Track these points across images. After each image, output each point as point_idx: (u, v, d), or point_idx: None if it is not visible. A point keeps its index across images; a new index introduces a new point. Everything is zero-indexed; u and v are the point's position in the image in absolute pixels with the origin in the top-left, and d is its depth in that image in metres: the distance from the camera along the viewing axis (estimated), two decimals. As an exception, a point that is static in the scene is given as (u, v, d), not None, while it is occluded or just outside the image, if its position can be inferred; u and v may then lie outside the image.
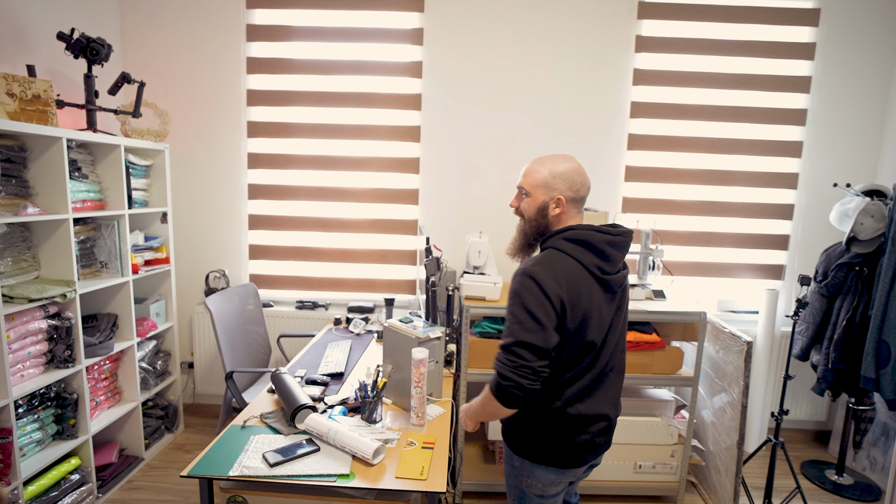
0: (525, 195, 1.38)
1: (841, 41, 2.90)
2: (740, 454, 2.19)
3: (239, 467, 1.43)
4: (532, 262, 1.27)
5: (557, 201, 1.33)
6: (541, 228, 1.37)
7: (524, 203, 1.38)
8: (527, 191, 1.37)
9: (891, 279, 2.29)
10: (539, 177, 1.34)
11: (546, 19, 2.93)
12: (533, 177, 1.35)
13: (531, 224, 1.37)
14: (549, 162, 1.35)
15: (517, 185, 1.41)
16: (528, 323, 1.21)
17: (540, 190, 1.34)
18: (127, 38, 3.01)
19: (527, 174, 1.37)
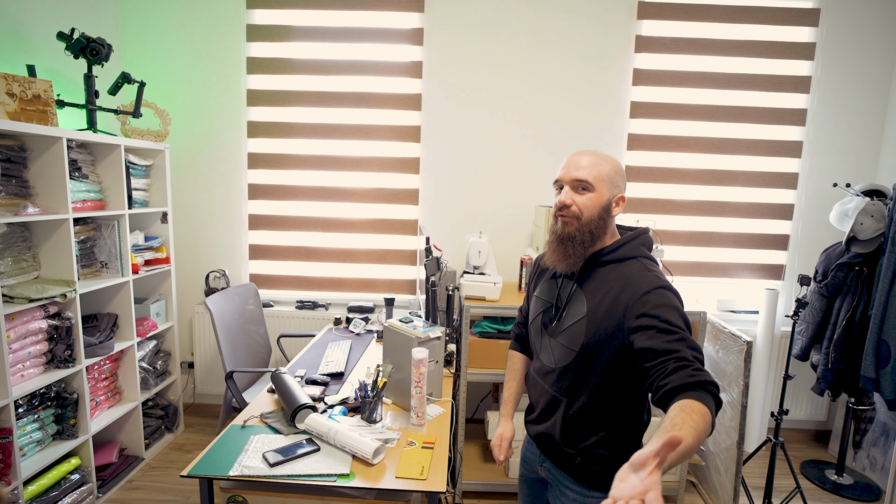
0: (586, 190, 1.17)
1: (841, 41, 2.90)
2: (740, 454, 2.19)
3: (239, 467, 1.43)
4: (659, 274, 1.14)
5: (620, 200, 1.20)
6: (601, 230, 1.19)
7: (585, 199, 1.17)
8: (590, 184, 1.16)
9: (891, 279, 2.29)
10: (604, 170, 1.17)
11: (546, 19, 2.93)
12: (598, 169, 1.17)
13: (590, 225, 1.17)
14: (605, 157, 1.20)
15: (572, 179, 1.17)
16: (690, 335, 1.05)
17: (605, 185, 1.17)
18: (127, 38, 3.01)
19: (588, 166, 1.17)
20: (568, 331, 1.21)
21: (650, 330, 1.04)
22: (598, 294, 1.17)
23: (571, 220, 1.18)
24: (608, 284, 1.17)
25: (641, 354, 1.04)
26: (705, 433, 0.90)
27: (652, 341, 1.02)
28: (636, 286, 1.11)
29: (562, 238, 1.20)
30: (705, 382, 0.95)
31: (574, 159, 1.20)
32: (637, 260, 1.19)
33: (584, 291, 1.20)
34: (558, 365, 1.23)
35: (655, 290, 1.09)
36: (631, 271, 1.15)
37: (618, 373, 1.16)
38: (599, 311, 1.15)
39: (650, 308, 1.05)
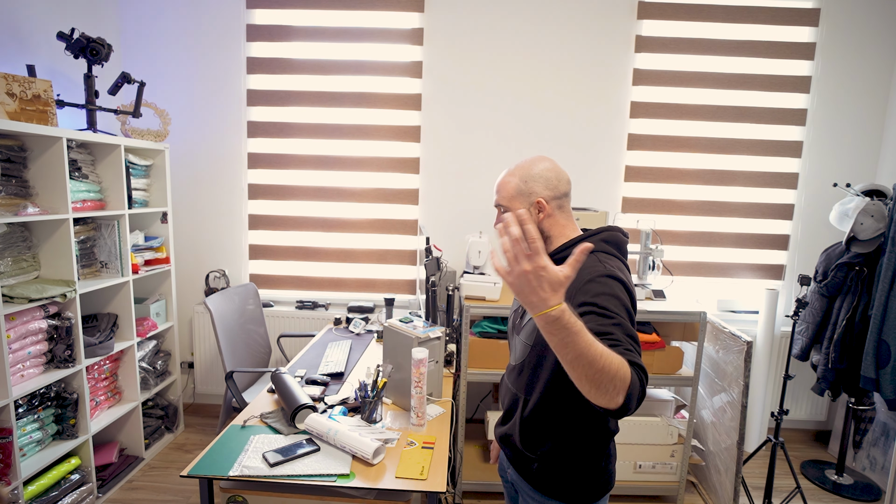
0: (504, 212, 1.25)
1: (841, 41, 2.90)
2: (740, 454, 2.19)
3: (239, 467, 1.43)
4: (609, 265, 1.13)
5: (539, 206, 1.22)
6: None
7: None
8: (504, 206, 1.25)
9: (891, 279, 2.29)
10: (512, 186, 1.23)
11: (546, 19, 2.93)
12: (506, 189, 1.24)
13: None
14: (518, 169, 1.25)
15: (496, 205, 1.27)
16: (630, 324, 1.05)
17: (516, 200, 1.23)
18: (127, 38, 3.01)
19: (499, 188, 1.26)
20: (527, 325, 1.24)
21: (587, 315, 1.03)
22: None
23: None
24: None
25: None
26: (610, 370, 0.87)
27: (588, 325, 0.95)
28: (580, 276, 1.11)
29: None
30: (633, 363, 0.92)
31: (496, 183, 1.27)
32: (594, 254, 1.18)
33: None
34: (517, 361, 1.27)
35: (598, 278, 1.09)
36: (584, 265, 1.14)
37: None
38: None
39: (590, 296, 1.06)
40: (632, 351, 0.98)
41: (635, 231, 3.08)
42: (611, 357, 0.89)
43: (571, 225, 1.25)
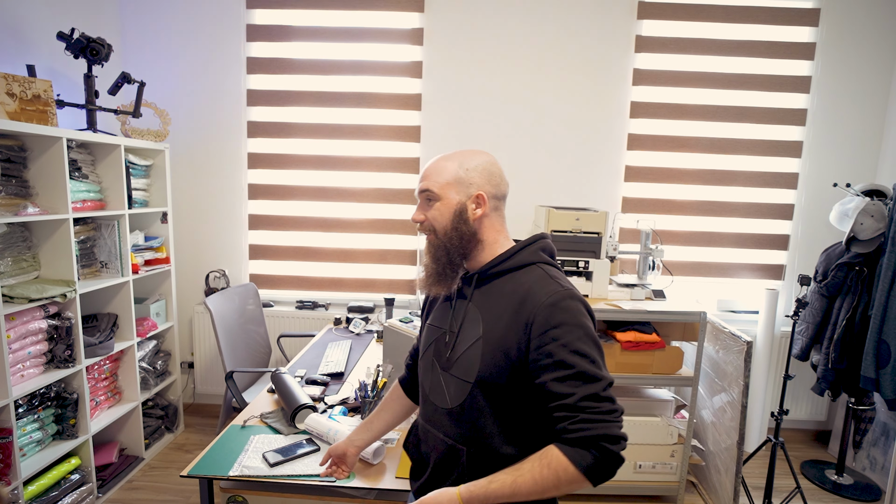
0: (431, 200, 1.04)
1: (841, 41, 2.90)
2: (740, 454, 2.19)
3: (239, 467, 1.43)
4: (562, 281, 1.01)
5: (477, 199, 1.04)
6: (465, 240, 1.04)
7: (432, 211, 1.04)
8: (434, 193, 1.04)
9: (891, 279, 2.29)
10: (449, 172, 1.03)
11: (546, 19, 2.93)
12: (442, 174, 1.04)
13: (449, 236, 1.03)
14: (456, 155, 1.06)
15: (419, 192, 1.06)
16: (600, 358, 0.94)
17: (452, 189, 1.03)
18: (127, 38, 3.00)
19: (430, 173, 1.05)
20: (462, 359, 1.02)
21: (550, 360, 0.91)
22: (495, 310, 1.01)
23: (430, 237, 1.06)
24: (505, 297, 1.01)
25: (541, 391, 0.93)
26: (549, 487, 0.88)
27: (552, 381, 0.91)
28: (537, 297, 0.96)
29: (427, 259, 1.07)
30: (593, 439, 0.87)
31: (424, 169, 1.07)
32: (537, 266, 1.03)
33: (479, 309, 1.03)
34: (454, 404, 1.03)
35: (559, 302, 0.94)
36: (530, 280, 1.00)
37: (524, 406, 0.99)
38: (497, 331, 0.99)
39: (553, 329, 0.92)
40: (596, 422, 0.87)
41: (635, 231, 3.08)
42: (541, 479, 0.88)
43: (505, 232, 1.09)
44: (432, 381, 1.09)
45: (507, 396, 0.98)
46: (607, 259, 2.49)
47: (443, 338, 1.08)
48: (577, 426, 0.88)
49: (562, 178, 3.06)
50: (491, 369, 0.98)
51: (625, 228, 3.10)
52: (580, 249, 2.46)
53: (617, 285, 2.60)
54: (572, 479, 0.87)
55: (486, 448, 1.00)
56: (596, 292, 2.46)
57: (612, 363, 2.29)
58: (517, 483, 0.89)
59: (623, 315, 2.28)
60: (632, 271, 3.02)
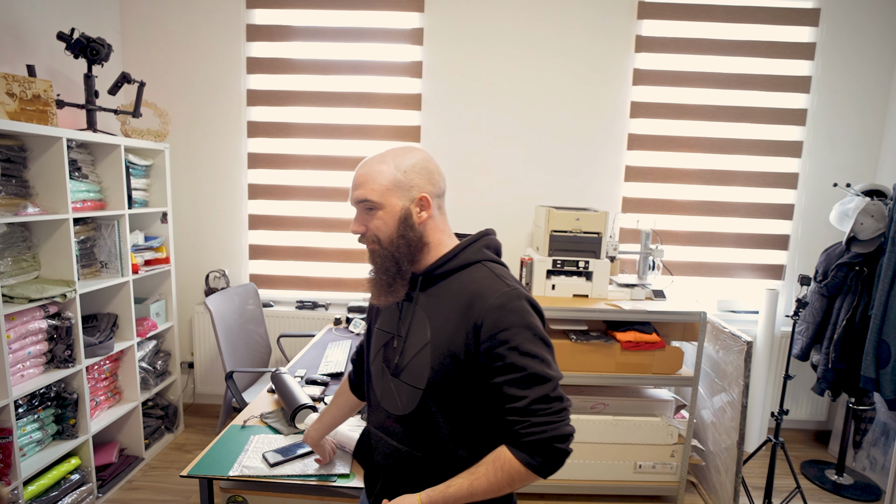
0: (372, 209, 0.98)
1: (841, 41, 2.90)
2: (740, 454, 2.19)
3: (239, 467, 1.43)
4: (509, 280, 1.00)
5: (421, 202, 0.99)
6: (413, 247, 0.99)
7: (375, 221, 0.98)
8: (374, 202, 0.97)
9: (891, 279, 2.29)
10: (385, 177, 0.97)
11: (546, 19, 2.93)
12: (376, 180, 0.97)
13: (396, 245, 0.98)
14: (390, 156, 0.99)
15: (354, 201, 1.00)
16: (550, 356, 0.96)
17: (393, 195, 0.97)
18: (127, 38, 3.00)
19: (364, 180, 0.98)
20: (411, 365, 1.00)
21: (501, 363, 0.92)
22: (442, 312, 0.99)
23: (374, 247, 1.01)
24: (451, 299, 0.98)
25: (492, 392, 0.95)
26: (504, 486, 0.94)
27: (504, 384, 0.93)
28: (485, 298, 0.94)
29: (375, 270, 1.01)
30: (544, 441, 0.91)
31: (355, 176, 1.00)
32: (482, 265, 1.01)
33: (425, 312, 1.01)
34: (406, 410, 1.01)
35: (507, 304, 0.94)
36: (477, 278, 0.98)
37: (475, 409, 0.99)
38: (444, 335, 0.97)
39: (502, 332, 0.92)
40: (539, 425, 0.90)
41: (635, 231, 3.08)
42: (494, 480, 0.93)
43: (448, 231, 1.06)
44: (383, 388, 1.06)
45: (458, 401, 0.99)
46: (607, 259, 2.50)
47: (391, 343, 1.05)
48: (529, 430, 0.91)
49: (562, 177, 3.06)
50: (441, 375, 0.97)
51: (625, 228, 3.10)
52: (580, 249, 2.47)
53: (617, 285, 2.60)
54: (524, 478, 0.94)
55: (441, 453, 1.00)
56: (596, 292, 2.46)
57: (612, 363, 2.29)
58: (473, 486, 0.94)
59: (623, 315, 2.28)
60: (632, 271, 3.02)
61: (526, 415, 0.91)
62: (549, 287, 2.47)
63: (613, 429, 2.34)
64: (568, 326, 2.40)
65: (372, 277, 1.02)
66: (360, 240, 1.02)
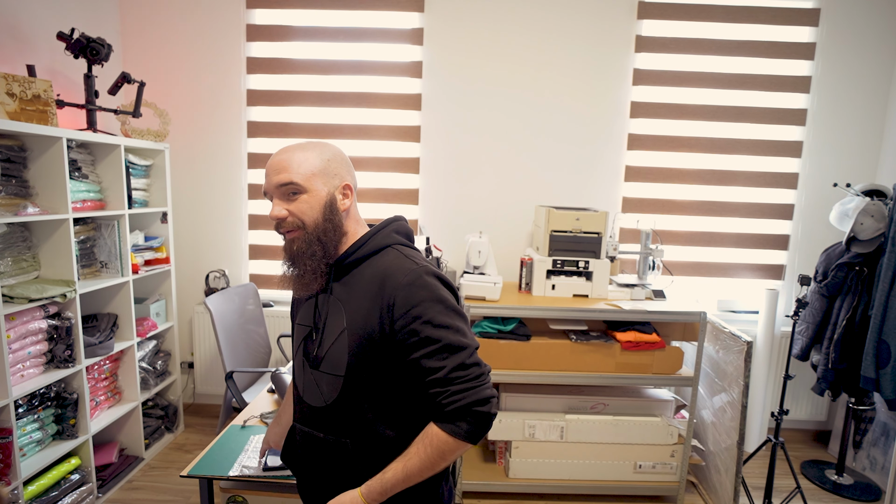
0: (297, 193, 0.98)
1: (841, 41, 2.90)
2: (740, 454, 2.19)
3: (239, 467, 1.43)
4: (418, 259, 1.02)
5: (345, 190, 1.02)
6: (337, 232, 1.01)
7: (300, 204, 0.98)
8: (299, 185, 0.97)
9: (891, 279, 2.29)
10: (311, 164, 0.98)
11: (546, 19, 2.93)
12: (301, 165, 0.98)
13: (323, 228, 0.99)
14: (312, 147, 1.01)
15: (277, 185, 0.98)
16: (464, 326, 0.99)
17: (318, 180, 0.99)
18: (127, 38, 3.00)
19: (288, 165, 0.97)
20: (330, 353, 1.01)
21: (416, 338, 0.95)
22: (356, 298, 1.00)
23: (296, 233, 0.99)
24: (364, 284, 1.00)
25: (412, 368, 0.97)
26: (437, 461, 0.95)
27: (422, 358, 0.95)
28: (394, 278, 0.97)
29: (294, 257, 1.00)
30: (465, 407, 0.93)
31: (273, 162, 0.99)
32: (392, 248, 1.04)
33: (340, 301, 1.02)
34: (329, 400, 1.02)
35: (416, 280, 0.96)
36: (387, 262, 1.00)
37: (396, 388, 1.01)
38: (359, 319, 0.98)
39: (414, 307, 0.95)
40: (464, 391, 0.93)
41: (635, 231, 3.08)
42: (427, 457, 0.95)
43: (363, 222, 1.09)
44: (305, 381, 1.07)
45: (379, 382, 1.00)
46: (607, 259, 2.50)
47: (310, 336, 1.06)
48: (450, 399, 0.93)
49: (562, 177, 3.06)
50: (358, 359, 0.98)
51: (625, 228, 3.10)
52: (580, 249, 2.47)
53: (617, 285, 2.60)
54: (455, 449, 0.95)
55: (368, 437, 1.01)
56: (596, 292, 2.46)
57: (612, 363, 2.29)
58: (408, 467, 0.95)
59: (623, 315, 2.28)
60: (632, 271, 3.02)
61: (445, 384, 0.94)
62: (549, 287, 2.47)
63: (613, 429, 2.34)
64: (568, 326, 2.40)
65: (293, 269, 1.01)
66: (280, 226, 1.00)
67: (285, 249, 1.02)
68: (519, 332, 2.32)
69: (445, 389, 0.94)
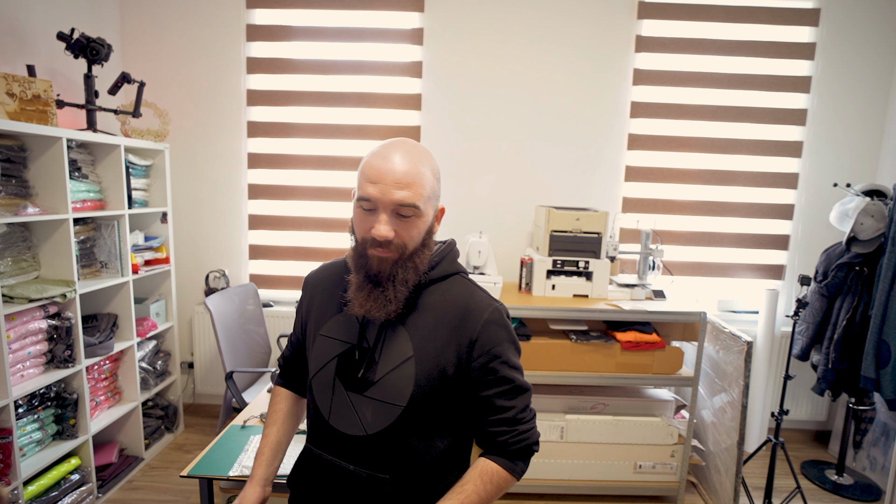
0: (408, 217, 0.89)
1: (841, 41, 2.90)
2: (740, 454, 2.19)
3: (239, 467, 1.43)
4: (487, 293, 1.01)
5: (440, 213, 0.98)
6: (423, 258, 0.94)
7: (408, 229, 0.90)
8: (419, 210, 0.89)
9: (891, 279, 2.29)
10: (427, 183, 0.90)
11: (546, 19, 2.93)
12: (422, 184, 0.89)
13: (414, 255, 0.92)
14: (425, 157, 0.92)
15: (393, 203, 0.87)
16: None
17: (429, 203, 0.92)
18: (127, 38, 3.00)
19: (412, 182, 0.87)
20: (387, 380, 0.93)
21: (492, 377, 0.94)
22: (427, 326, 0.94)
23: (391, 255, 0.90)
24: (434, 311, 0.95)
25: (479, 405, 0.97)
26: (493, 497, 0.96)
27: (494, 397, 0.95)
28: (478, 313, 0.94)
29: (381, 279, 0.91)
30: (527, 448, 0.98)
31: (396, 172, 0.86)
32: (459, 277, 1.01)
33: (404, 325, 0.95)
34: (372, 430, 0.93)
35: (499, 319, 0.96)
36: (463, 293, 0.97)
37: (450, 421, 0.99)
38: (431, 348, 0.93)
39: (495, 347, 0.94)
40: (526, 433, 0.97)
41: (635, 231, 3.08)
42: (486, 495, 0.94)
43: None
44: (335, 405, 0.96)
45: (439, 415, 0.97)
46: (607, 259, 2.50)
47: (349, 355, 0.96)
48: (516, 439, 0.96)
49: (562, 177, 3.06)
50: (426, 390, 0.93)
51: (625, 228, 3.10)
52: (580, 249, 2.47)
53: (617, 285, 2.60)
54: (508, 486, 0.98)
55: (410, 473, 0.95)
56: (596, 292, 2.46)
57: (612, 363, 2.29)
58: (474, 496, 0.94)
59: (623, 315, 2.28)
60: (632, 271, 3.02)
61: (513, 424, 0.96)
62: (549, 287, 2.47)
63: (613, 429, 2.34)
64: (568, 326, 2.40)
65: (375, 289, 0.91)
66: (381, 248, 0.89)
67: (368, 266, 0.91)
68: (519, 332, 2.32)
69: (513, 429, 0.95)
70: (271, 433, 1.11)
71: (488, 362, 0.94)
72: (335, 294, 1.02)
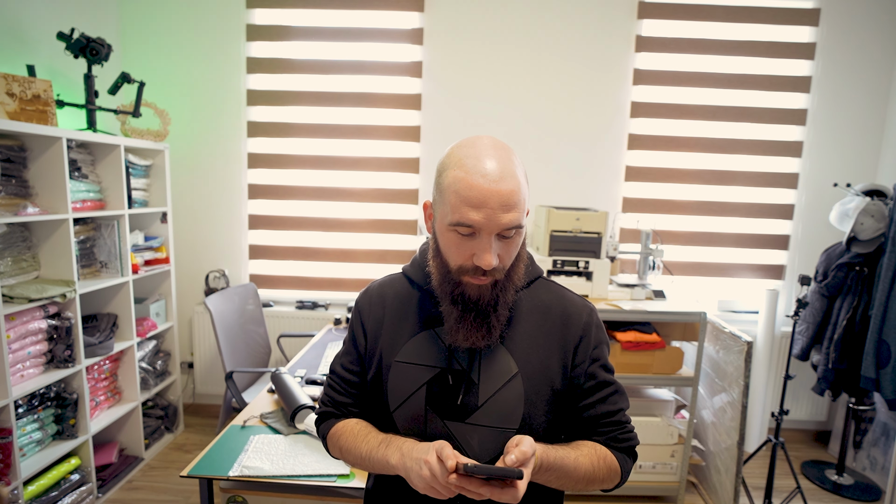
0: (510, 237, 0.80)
1: (841, 41, 2.90)
2: (740, 454, 2.19)
3: (239, 467, 1.43)
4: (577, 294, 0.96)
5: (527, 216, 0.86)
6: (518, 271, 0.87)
7: (508, 248, 0.81)
8: (523, 227, 0.81)
9: (891, 279, 2.29)
10: (525, 191, 0.81)
11: (546, 19, 2.92)
12: (524, 196, 0.80)
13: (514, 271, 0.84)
14: (514, 159, 0.80)
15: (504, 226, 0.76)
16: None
17: (525, 211, 0.82)
18: (127, 38, 3.00)
19: (516, 200, 0.77)
20: (493, 403, 0.84)
21: (594, 381, 0.90)
22: (525, 337, 0.87)
23: (495, 279, 0.82)
24: (532, 321, 0.89)
25: (581, 412, 0.90)
26: (597, 478, 0.87)
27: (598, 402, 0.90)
28: (578, 315, 0.90)
29: (479, 306, 0.82)
30: (633, 449, 0.93)
31: (496, 192, 0.75)
32: (542, 279, 0.95)
33: (500, 340, 0.86)
34: (486, 459, 0.84)
35: (596, 320, 0.92)
36: (552, 297, 0.92)
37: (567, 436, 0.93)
38: (535, 359, 0.86)
39: (595, 349, 0.90)
40: (632, 431, 0.92)
41: (635, 231, 3.08)
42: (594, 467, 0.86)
43: None
44: (430, 438, 0.83)
45: (551, 431, 0.89)
46: (607, 259, 2.50)
47: (440, 381, 0.86)
48: (626, 436, 0.90)
49: (562, 177, 3.05)
50: (536, 407, 0.85)
51: (625, 228, 3.10)
52: (580, 249, 2.46)
53: (617, 285, 2.60)
54: (613, 480, 0.89)
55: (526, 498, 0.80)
56: (596, 292, 2.46)
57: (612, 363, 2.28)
58: (578, 460, 0.84)
59: (623, 315, 2.28)
60: (632, 271, 3.02)
61: (621, 424, 0.91)
62: (549, 287, 2.47)
63: (613, 429, 2.34)
64: (568, 326, 2.39)
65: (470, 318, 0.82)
66: (484, 276, 0.80)
67: (465, 296, 0.82)
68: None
69: (622, 426, 0.90)
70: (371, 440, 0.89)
71: (588, 366, 0.89)
72: (406, 314, 0.92)
